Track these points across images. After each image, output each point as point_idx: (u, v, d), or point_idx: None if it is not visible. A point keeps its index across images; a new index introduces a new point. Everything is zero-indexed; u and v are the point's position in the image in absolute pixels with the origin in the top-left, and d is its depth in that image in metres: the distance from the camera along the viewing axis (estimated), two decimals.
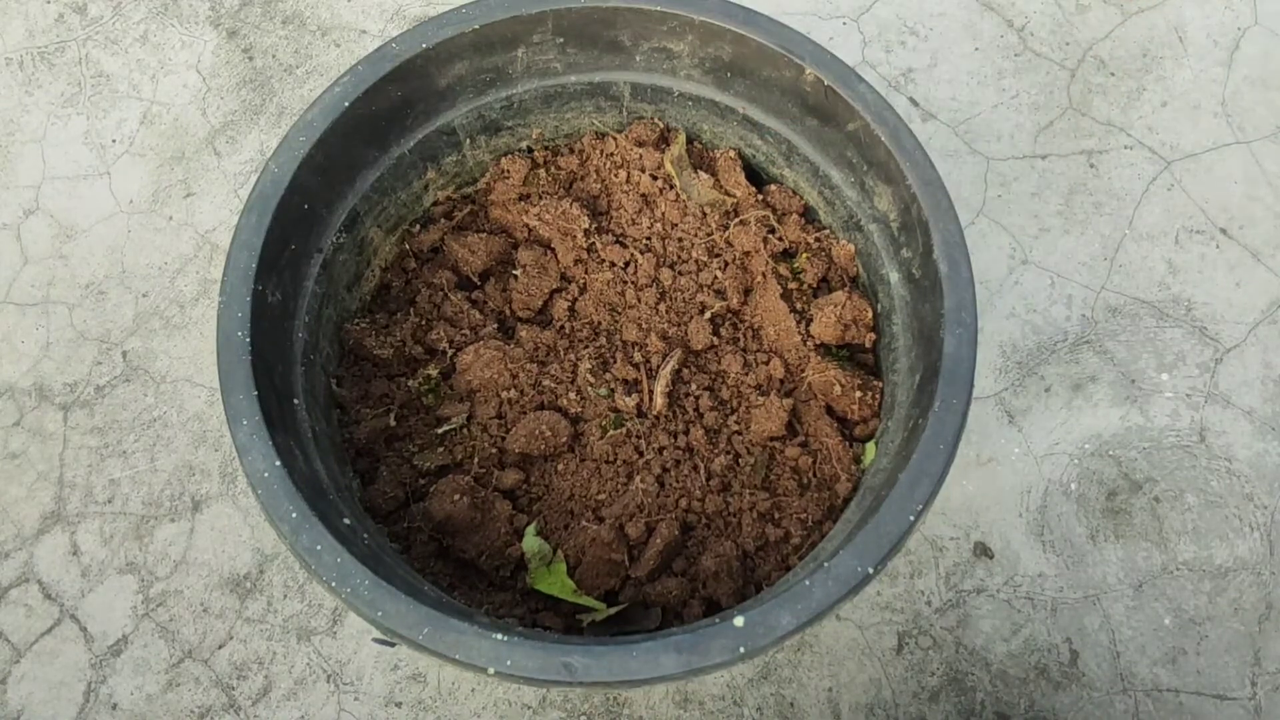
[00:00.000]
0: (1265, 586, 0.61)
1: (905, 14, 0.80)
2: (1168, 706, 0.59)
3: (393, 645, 0.56)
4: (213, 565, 0.63)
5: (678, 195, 0.57)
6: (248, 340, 0.43)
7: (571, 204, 0.55)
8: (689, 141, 0.58)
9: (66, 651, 0.61)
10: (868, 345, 0.54)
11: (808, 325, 0.54)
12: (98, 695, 0.60)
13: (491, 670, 0.36)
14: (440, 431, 0.51)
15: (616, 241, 0.56)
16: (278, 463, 0.40)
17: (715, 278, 0.55)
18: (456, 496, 0.48)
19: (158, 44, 0.80)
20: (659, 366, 0.53)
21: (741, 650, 0.37)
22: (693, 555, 0.49)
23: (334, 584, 0.38)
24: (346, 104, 0.48)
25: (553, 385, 0.52)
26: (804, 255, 0.56)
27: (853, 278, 0.56)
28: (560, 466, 0.51)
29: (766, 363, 0.54)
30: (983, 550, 0.63)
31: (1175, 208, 0.72)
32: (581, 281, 0.56)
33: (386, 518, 0.50)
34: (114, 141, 0.76)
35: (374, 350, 0.53)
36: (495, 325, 0.55)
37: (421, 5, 0.82)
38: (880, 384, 0.52)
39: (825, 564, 0.39)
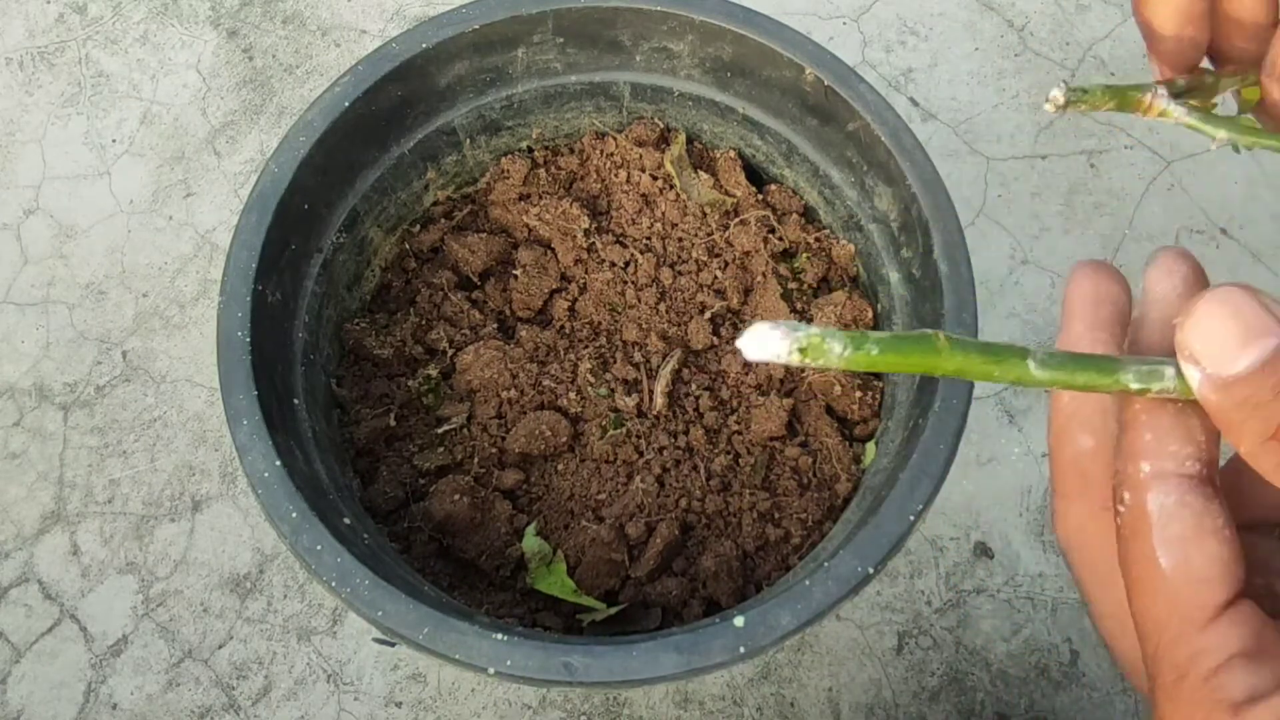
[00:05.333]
0: None
1: (905, 14, 0.80)
2: None
3: (393, 645, 0.56)
4: (213, 565, 0.63)
5: (678, 195, 0.57)
6: (248, 340, 0.43)
7: (571, 204, 0.55)
8: (689, 141, 0.58)
9: (66, 651, 0.61)
10: None
11: (808, 325, 0.53)
12: (98, 695, 0.60)
13: (491, 670, 0.36)
14: (440, 431, 0.51)
15: (616, 241, 0.56)
16: (278, 463, 0.40)
17: (715, 278, 0.55)
18: (456, 496, 0.48)
19: (158, 44, 0.80)
20: (659, 366, 0.53)
21: (742, 650, 0.37)
22: (693, 555, 0.49)
23: (334, 584, 0.38)
24: (346, 104, 0.48)
25: (553, 385, 0.52)
26: (804, 255, 0.56)
27: (853, 278, 0.56)
28: (560, 466, 0.51)
29: (766, 362, 0.54)
30: (983, 550, 0.63)
31: (1175, 208, 0.72)
32: (581, 281, 0.56)
33: (386, 518, 0.50)
34: (114, 141, 0.76)
35: (374, 350, 0.53)
36: (495, 325, 0.55)
37: (421, 5, 0.82)
38: (880, 384, 0.52)
39: (825, 564, 0.39)
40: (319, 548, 0.39)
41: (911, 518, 0.39)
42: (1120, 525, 0.22)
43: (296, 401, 0.47)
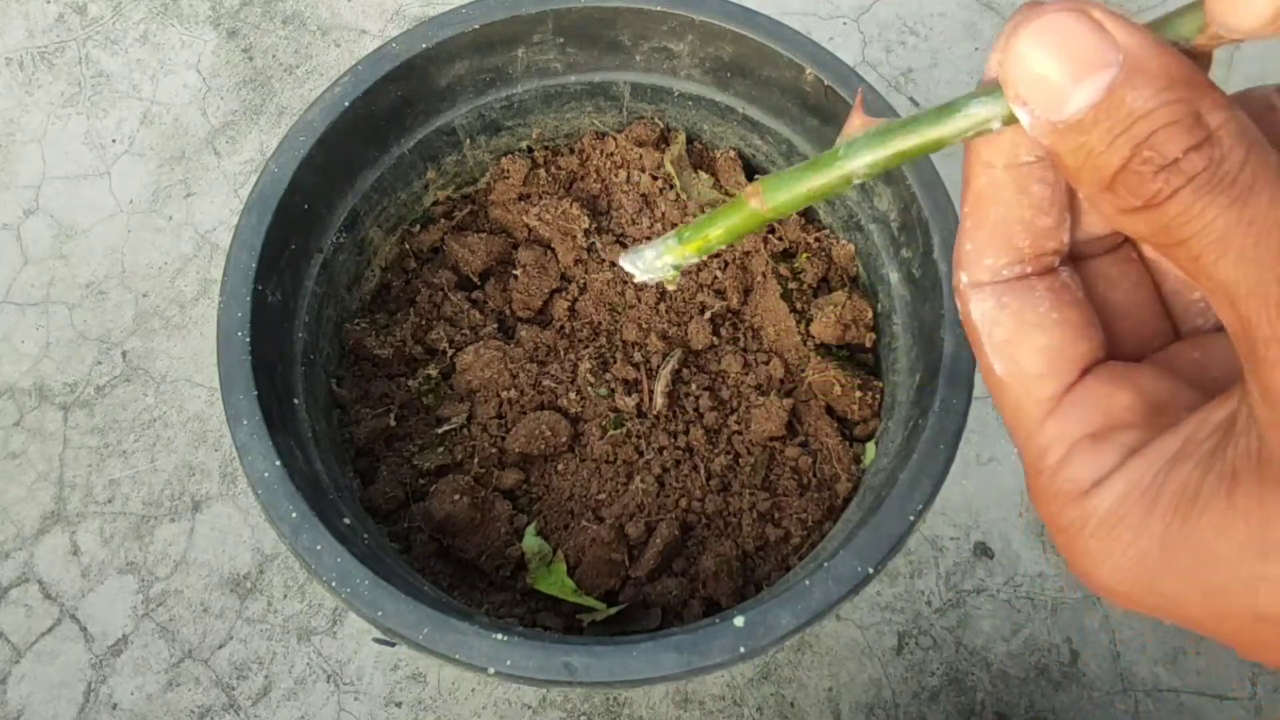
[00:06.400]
0: None
1: (905, 14, 0.80)
2: (1168, 706, 0.59)
3: (393, 645, 0.56)
4: (213, 565, 0.63)
5: (678, 195, 0.57)
6: (248, 340, 0.43)
7: (571, 204, 0.55)
8: (689, 141, 0.58)
9: (66, 651, 0.61)
10: (868, 345, 0.54)
11: (808, 325, 0.54)
12: (98, 695, 0.60)
13: (491, 670, 0.36)
14: (440, 431, 0.51)
15: (617, 241, 0.56)
16: (278, 463, 0.40)
17: (715, 278, 0.55)
18: (456, 496, 0.48)
19: (158, 44, 0.80)
20: (659, 366, 0.53)
21: (741, 650, 0.37)
22: (693, 555, 0.49)
23: (334, 584, 0.38)
24: (346, 104, 0.48)
25: (553, 385, 0.52)
26: (804, 255, 0.56)
27: (853, 278, 0.56)
28: (560, 466, 0.51)
29: (766, 363, 0.54)
30: (983, 550, 0.63)
31: None
32: (581, 281, 0.56)
33: (386, 518, 0.50)
34: (114, 141, 0.76)
35: (374, 350, 0.53)
36: (495, 325, 0.55)
37: (421, 5, 0.82)
38: (880, 384, 0.52)
39: (825, 564, 0.39)
40: (319, 548, 0.39)
41: (911, 518, 0.39)
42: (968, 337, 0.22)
43: (296, 401, 0.47)
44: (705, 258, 0.24)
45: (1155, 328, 0.22)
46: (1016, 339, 0.20)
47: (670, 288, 0.25)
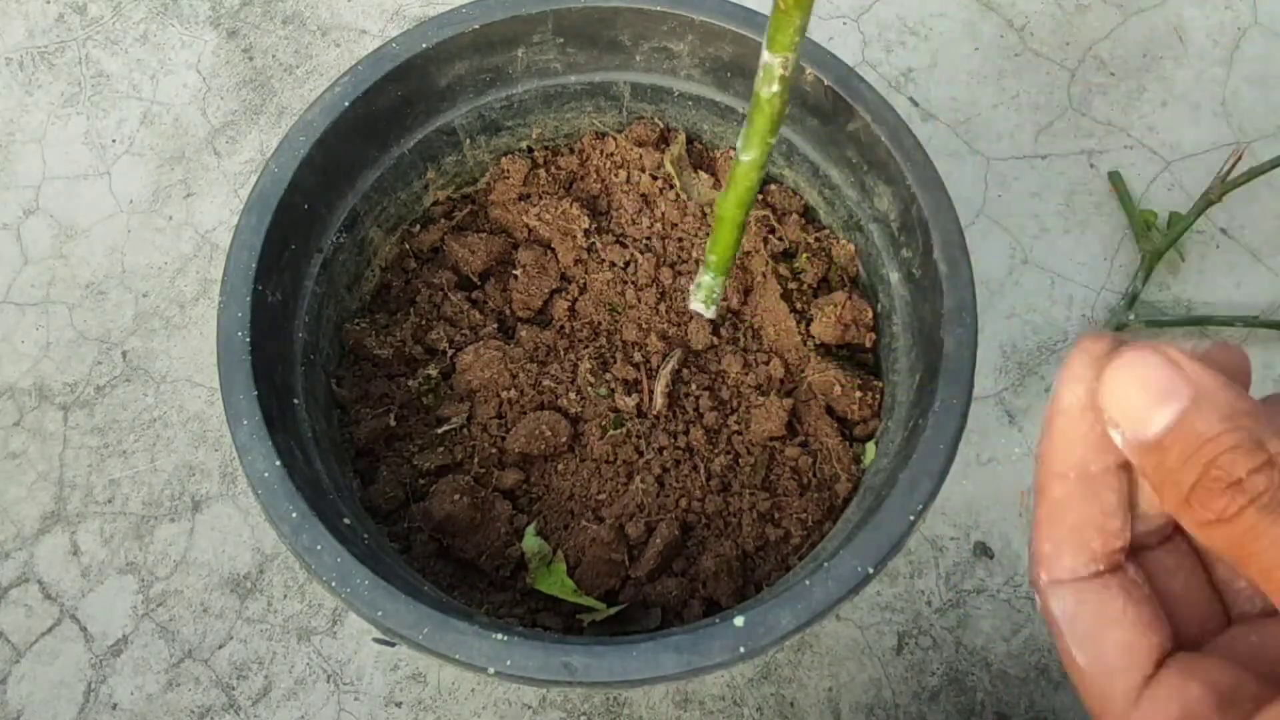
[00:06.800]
0: None
1: (905, 14, 0.80)
2: None
3: (393, 645, 0.56)
4: (213, 565, 0.63)
5: (678, 195, 0.57)
6: (248, 340, 0.43)
7: (571, 204, 0.56)
8: (689, 141, 0.58)
9: (66, 651, 0.61)
10: (868, 345, 0.54)
11: (808, 325, 0.54)
12: (98, 695, 0.60)
13: (491, 670, 0.36)
14: (440, 431, 0.51)
15: (616, 241, 0.56)
16: (278, 463, 0.40)
17: None
18: (456, 496, 0.48)
19: (158, 44, 0.80)
20: (659, 366, 0.53)
21: (741, 650, 0.37)
22: (693, 555, 0.49)
23: (334, 584, 0.38)
24: (346, 104, 0.48)
25: (553, 385, 0.52)
26: (804, 255, 0.56)
27: (853, 278, 0.56)
28: (560, 466, 0.51)
29: (766, 363, 0.54)
30: (983, 550, 0.63)
31: (1175, 207, 0.72)
32: (581, 281, 0.56)
33: (386, 518, 0.50)
34: (114, 141, 0.76)
35: (374, 350, 0.53)
36: (495, 325, 0.55)
37: (421, 5, 0.82)
38: (880, 384, 0.52)
39: (825, 564, 0.39)
40: (319, 548, 0.39)
41: (911, 518, 0.39)
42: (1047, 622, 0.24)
43: (296, 401, 0.47)
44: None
45: (1209, 611, 0.24)
46: (1098, 634, 0.23)
47: None
